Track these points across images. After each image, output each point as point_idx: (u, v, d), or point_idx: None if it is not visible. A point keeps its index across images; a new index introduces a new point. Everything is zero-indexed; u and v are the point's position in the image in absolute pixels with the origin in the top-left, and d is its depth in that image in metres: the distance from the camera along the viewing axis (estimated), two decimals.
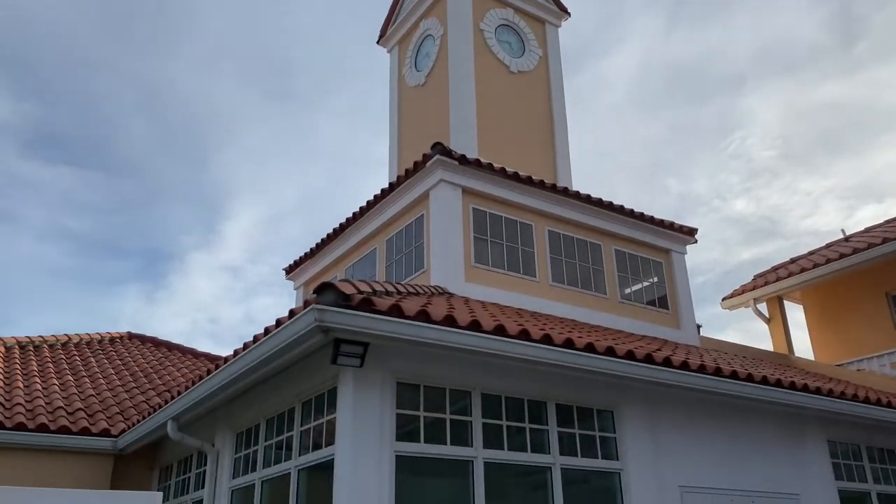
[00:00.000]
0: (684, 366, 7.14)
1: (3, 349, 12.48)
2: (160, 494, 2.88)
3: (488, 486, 6.25)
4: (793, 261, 14.96)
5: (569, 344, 6.41)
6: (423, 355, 6.14)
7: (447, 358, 6.23)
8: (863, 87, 33.85)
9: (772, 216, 36.72)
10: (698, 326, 12.28)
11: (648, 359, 6.88)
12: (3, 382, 10.67)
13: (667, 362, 7.03)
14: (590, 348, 6.51)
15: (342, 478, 5.61)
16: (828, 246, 14.82)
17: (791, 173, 36.93)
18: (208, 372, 7.22)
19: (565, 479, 6.74)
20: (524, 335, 6.16)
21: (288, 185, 40.72)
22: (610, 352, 6.65)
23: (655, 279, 11.68)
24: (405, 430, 6.08)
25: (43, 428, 9.30)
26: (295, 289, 13.85)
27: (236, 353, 6.62)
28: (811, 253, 14.92)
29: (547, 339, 6.29)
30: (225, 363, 6.76)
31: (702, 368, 7.31)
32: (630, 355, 6.77)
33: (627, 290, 11.24)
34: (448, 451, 6.16)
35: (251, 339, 6.41)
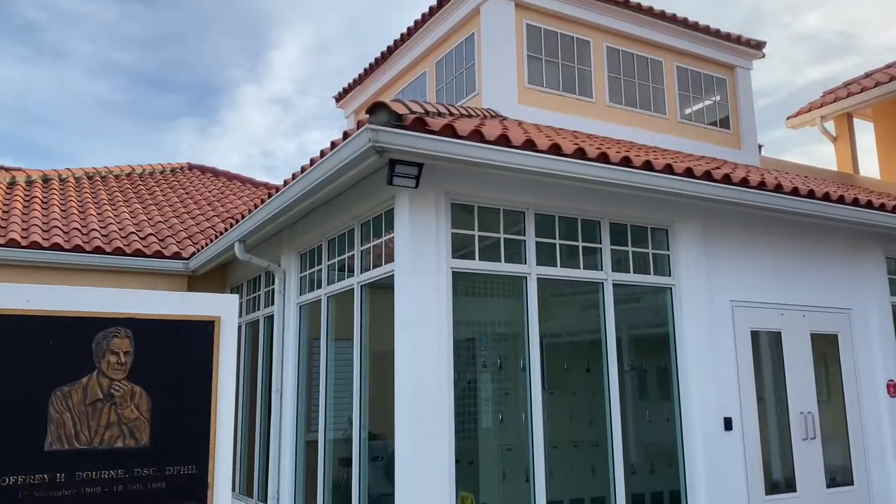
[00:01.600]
0: (743, 182, 6.98)
1: (73, 180, 12.99)
2: (237, 297, 3.07)
3: (541, 302, 6.46)
4: (867, 75, 14.01)
5: (626, 162, 6.29)
6: (478, 176, 6.13)
7: (501, 178, 6.22)
8: None
9: (846, 30, 34.03)
10: (759, 146, 11.88)
11: (707, 176, 6.74)
12: (77, 210, 11.21)
13: (726, 179, 6.87)
14: (647, 166, 6.39)
15: (402, 292, 5.86)
16: None
17: None
18: (269, 196, 7.42)
19: (617, 294, 6.91)
20: (580, 154, 6.06)
21: (333, 10, 39.24)
22: (668, 169, 6.52)
23: (718, 98, 11.17)
24: (461, 248, 6.23)
25: (119, 251, 9.87)
26: (345, 117, 13.77)
27: (294, 176, 6.73)
28: (888, 66, 13.91)
29: (603, 158, 6.18)
30: (284, 186, 6.91)
31: (761, 185, 7.15)
32: (689, 172, 6.64)
33: (688, 110, 10.82)
34: (502, 267, 6.32)
35: (308, 163, 6.48)
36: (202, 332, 2.97)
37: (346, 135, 5.71)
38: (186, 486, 2.83)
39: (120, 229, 10.68)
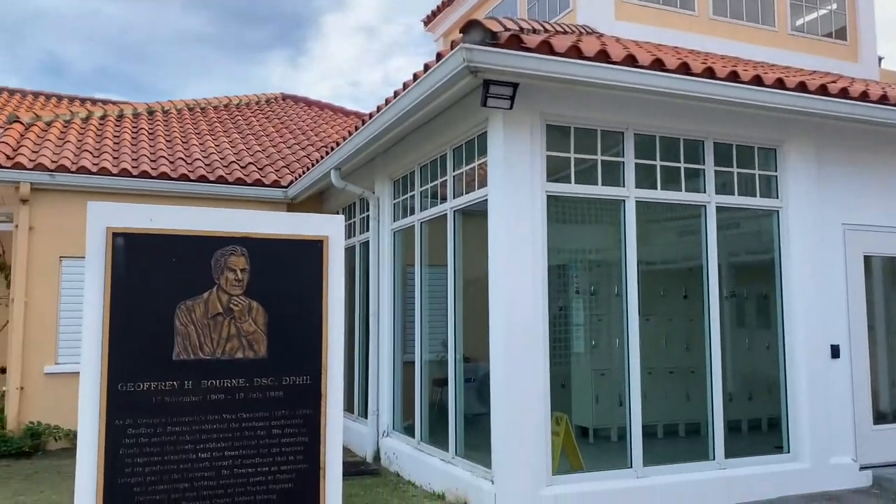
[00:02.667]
0: (863, 97, 6.48)
1: (175, 112, 13.48)
2: (343, 217, 3.13)
3: (639, 226, 6.30)
4: None
5: (734, 77, 5.93)
6: (574, 96, 5.94)
7: (599, 97, 6.00)
8: None
9: None
10: (879, 59, 10.94)
11: (822, 90, 6.28)
12: (181, 141, 11.67)
13: (843, 93, 6.39)
14: (757, 81, 6.01)
15: (496, 217, 5.84)
16: None
17: None
18: (363, 122, 7.47)
19: (720, 218, 6.65)
20: (684, 69, 5.75)
21: None
22: (779, 84, 6.11)
23: (834, 6, 10.29)
24: (556, 172, 6.11)
25: (222, 180, 10.26)
26: (434, 41, 13.57)
27: (387, 101, 6.73)
28: None
29: (709, 73, 5.85)
30: (378, 112, 6.93)
31: (883, 99, 6.61)
32: (802, 87, 6.20)
33: (800, 21, 10.04)
34: (599, 191, 6.18)
35: (401, 88, 6.45)
36: (312, 251, 3.06)
37: (439, 56, 5.62)
38: (302, 395, 2.98)
39: (221, 159, 11.07)
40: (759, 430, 8.93)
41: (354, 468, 7.44)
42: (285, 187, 10.60)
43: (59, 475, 7.73)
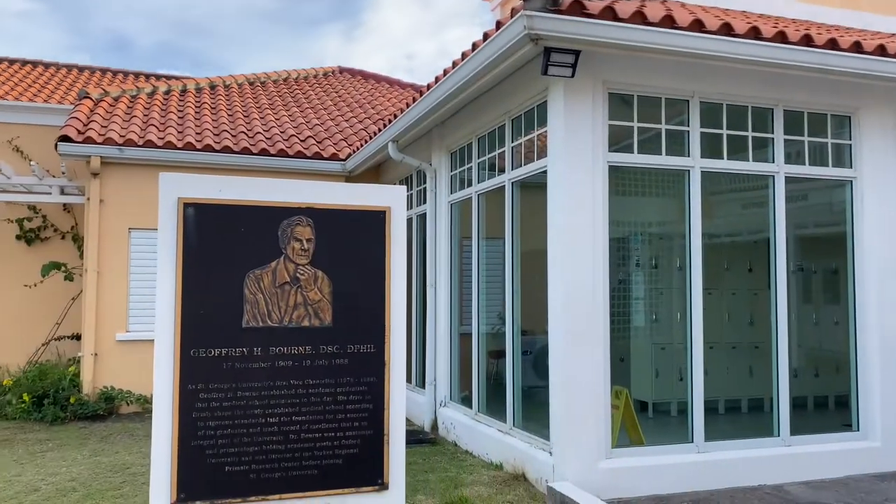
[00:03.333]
0: None
1: (235, 86, 13.70)
2: (405, 188, 3.15)
3: (704, 198, 6.13)
4: None
5: (807, 41, 5.68)
6: (638, 62, 5.79)
7: (664, 64, 5.83)
8: None
9: None
10: None
11: None
12: (242, 115, 11.88)
13: None
14: (832, 45, 5.73)
15: (555, 188, 5.77)
16: None
17: None
18: (421, 94, 7.45)
19: (789, 189, 6.42)
20: (754, 33, 5.53)
21: None
22: (856, 48, 5.82)
23: None
24: (617, 142, 5.99)
25: (282, 153, 10.42)
26: (491, 10, 13.39)
27: (445, 72, 6.69)
28: None
29: (781, 37, 5.61)
30: (436, 83, 6.89)
31: None
32: (881, 50, 5.90)
33: None
34: (663, 161, 6.03)
35: (459, 57, 6.40)
36: (375, 222, 3.08)
37: (498, 25, 5.54)
38: (366, 363, 3.03)
39: (281, 132, 11.23)
40: (826, 407, 8.69)
41: (413, 437, 7.56)
42: (343, 160, 10.69)
43: (132, 437, 8.09)
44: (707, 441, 5.92)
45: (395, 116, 8.50)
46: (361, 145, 10.09)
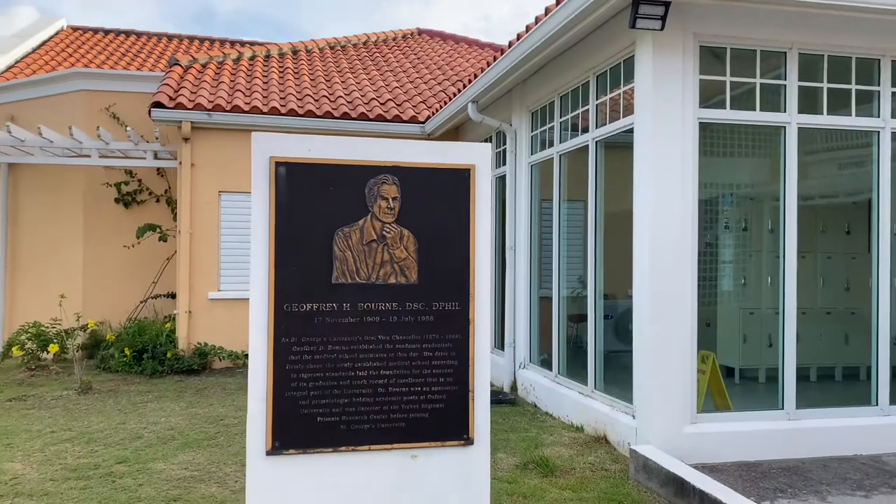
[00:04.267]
0: None
1: (317, 51, 13.87)
2: (489, 146, 3.13)
3: (801, 156, 5.83)
4: None
5: None
6: (731, 13, 5.51)
7: (760, 14, 5.53)
8: None
9: None
10: None
11: None
12: (324, 79, 12.04)
13: None
14: None
15: (642, 146, 5.61)
16: None
17: None
18: (502, 52, 7.34)
19: (895, 146, 6.03)
20: None
21: None
22: None
23: None
24: (708, 98, 5.75)
25: (363, 117, 10.52)
26: None
27: (528, 28, 6.56)
28: None
29: None
30: (518, 40, 6.78)
31: None
32: None
33: None
34: (757, 116, 5.76)
35: (543, 12, 6.26)
36: (459, 180, 3.08)
37: None
38: (451, 320, 3.06)
39: (362, 96, 11.33)
40: None
41: (493, 397, 7.64)
42: (422, 122, 10.71)
43: (224, 391, 8.50)
44: (798, 409, 5.73)
45: (475, 77, 8.42)
46: (440, 107, 10.07)
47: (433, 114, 10.43)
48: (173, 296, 11.14)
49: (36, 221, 11.81)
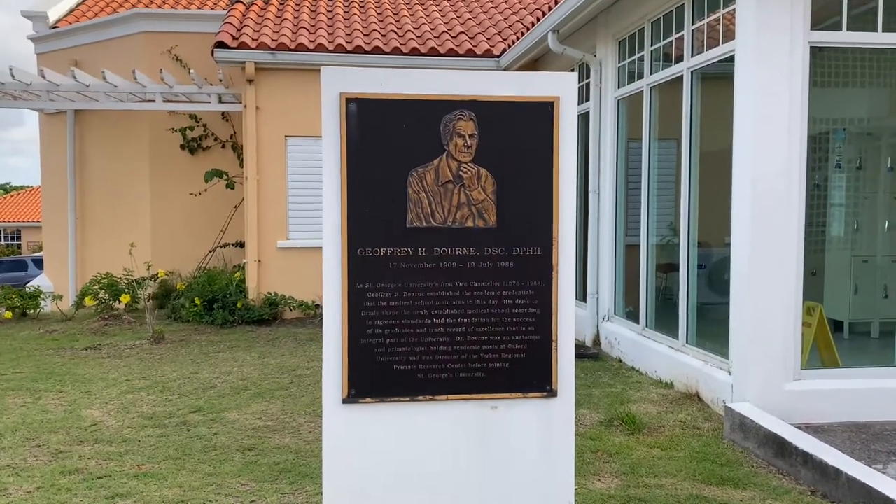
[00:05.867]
0: None
1: None
2: (575, 75, 3.06)
3: None
4: None
5: None
6: None
7: None
8: None
9: None
10: None
11: None
12: (392, 12, 11.96)
13: None
14: None
15: (744, 76, 5.37)
16: None
17: None
18: None
19: None
20: None
21: None
22: None
23: None
24: (821, 20, 5.43)
25: (433, 52, 10.44)
26: None
27: None
28: None
29: None
30: None
31: None
32: None
33: None
34: (879, 39, 5.41)
35: None
36: (542, 114, 3.02)
37: None
38: (532, 266, 3.05)
39: (432, 29, 11.22)
40: None
41: (574, 350, 7.64)
42: (497, 56, 10.55)
43: (296, 341, 8.81)
44: None
45: (556, 2, 8.19)
46: (517, 39, 9.87)
47: (509, 46, 10.25)
48: (242, 244, 11.53)
49: (103, 170, 12.36)
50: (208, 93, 11.35)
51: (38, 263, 21.93)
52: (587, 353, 7.79)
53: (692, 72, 6.34)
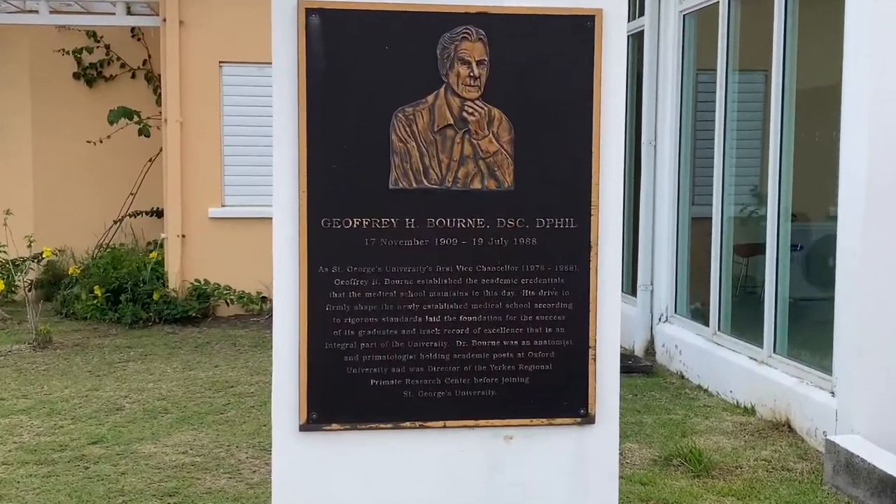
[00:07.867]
0: None
1: None
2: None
3: None
4: None
5: None
6: None
7: None
8: None
9: None
10: None
11: None
12: None
13: None
14: None
15: None
16: None
17: None
18: None
19: None
20: None
21: None
22: None
23: None
24: None
25: None
26: None
27: None
28: None
29: None
30: None
31: None
32: None
33: None
34: None
35: None
36: (578, 33, 3.02)
37: None
38: (563, 244, 3.05)
39: None
40: None
41: (620, 362, 7.69)
42: None
43: (234, 347, 8.85)
44: None
45: None
46: None
47: None
48: (160, 213, 11.51)
49: None
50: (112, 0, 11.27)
51: None
52: (636, 366, 7.84)
53: None
